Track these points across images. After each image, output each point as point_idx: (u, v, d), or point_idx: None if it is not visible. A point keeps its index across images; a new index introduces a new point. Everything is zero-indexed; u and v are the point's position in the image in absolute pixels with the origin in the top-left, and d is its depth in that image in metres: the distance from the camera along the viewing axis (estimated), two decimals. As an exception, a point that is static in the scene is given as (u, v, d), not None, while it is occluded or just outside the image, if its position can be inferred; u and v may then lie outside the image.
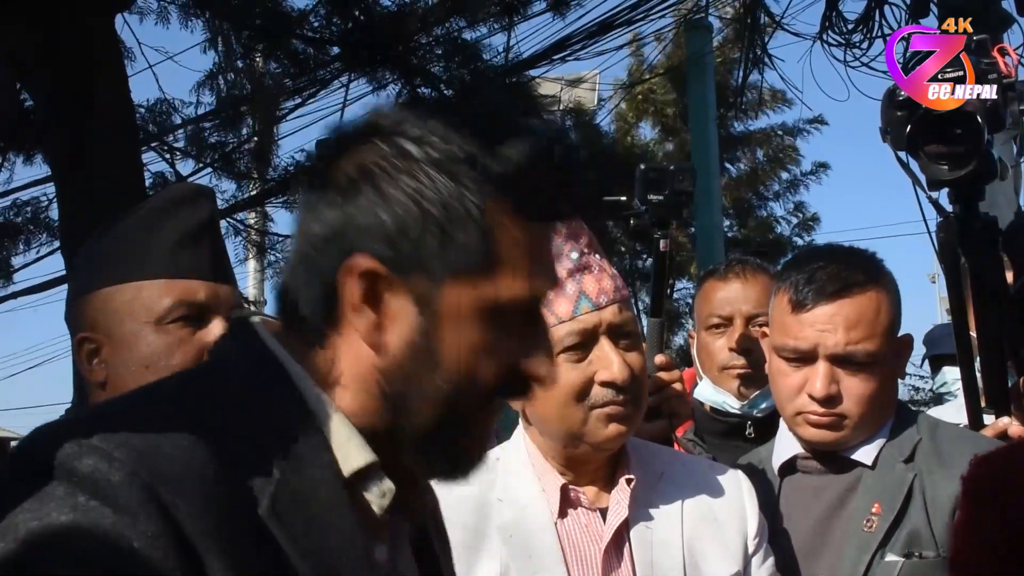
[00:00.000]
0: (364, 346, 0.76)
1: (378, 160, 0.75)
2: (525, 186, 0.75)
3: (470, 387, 0.76)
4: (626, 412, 1.30)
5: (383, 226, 0.74)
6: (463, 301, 0.75)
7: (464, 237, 0.74)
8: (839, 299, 1.46)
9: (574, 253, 1.31)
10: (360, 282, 0.74)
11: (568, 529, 1.32)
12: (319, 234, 0.76)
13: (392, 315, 0.75)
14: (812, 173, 11.72)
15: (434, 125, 0.75)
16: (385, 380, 0.76)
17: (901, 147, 1.59)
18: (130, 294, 1.25)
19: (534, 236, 0.77)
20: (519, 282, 0.76)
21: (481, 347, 0.76)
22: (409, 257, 0.74)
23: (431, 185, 0.74)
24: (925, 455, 1.46)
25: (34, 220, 6.17)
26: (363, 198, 0.75)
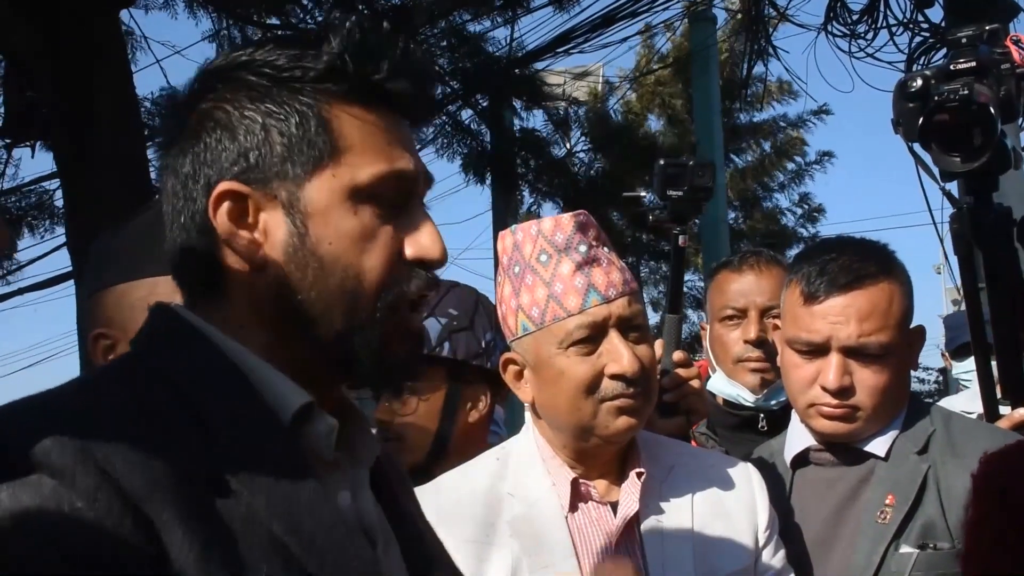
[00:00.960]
0: (253, 274, 0.78)
1: (213, 98, 0.79)
2: (349, 72, 0.78)
3: (359, 279, 0.77)
4: (636, 405, 1.29)
5: (230, 151, 0.78)
6: (325, 193, 0.77)
7: (305, 133, 0.77)
8: (851, 291, 1.45)
9: (583, 246, 1.31)
10: (226, 205, 0.77)
11: (579, 523, 1.32)
12: (179, 185, 0.80)
13: (264, 228, 0.77)
14: (817, 163, 11.70)
15: (257, 50, 0.80)
16: (281, 296, 0.77)
17: (913, 138, 1.58)
18: (146, 290, 1.24)
19: (380, 122, 0.80)
20: (377, 164, 0.78)
21: (357, 234, 0.77)
22: (262, 169, 0.77)
23: (263, 100, 0.78)
24: (939, 446, 1.45)
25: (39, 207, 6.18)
26: (207, 135, 0.79)
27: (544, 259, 1.31)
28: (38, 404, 0.72)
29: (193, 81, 0.82)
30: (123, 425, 0.69)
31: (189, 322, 0.80)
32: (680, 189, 1.70)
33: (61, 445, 0.65)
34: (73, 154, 4.07)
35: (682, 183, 1.70)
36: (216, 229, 0.78)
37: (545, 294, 1.30)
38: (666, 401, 1.60)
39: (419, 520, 0.93)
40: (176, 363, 0.76)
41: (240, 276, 0.78)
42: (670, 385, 1.61)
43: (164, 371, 0.76)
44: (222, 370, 0.76)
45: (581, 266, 1.30)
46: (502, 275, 1.37)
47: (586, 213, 1.36)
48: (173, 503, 0.66)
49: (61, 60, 3.93)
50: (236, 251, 0.78)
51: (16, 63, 4.43)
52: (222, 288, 0.79)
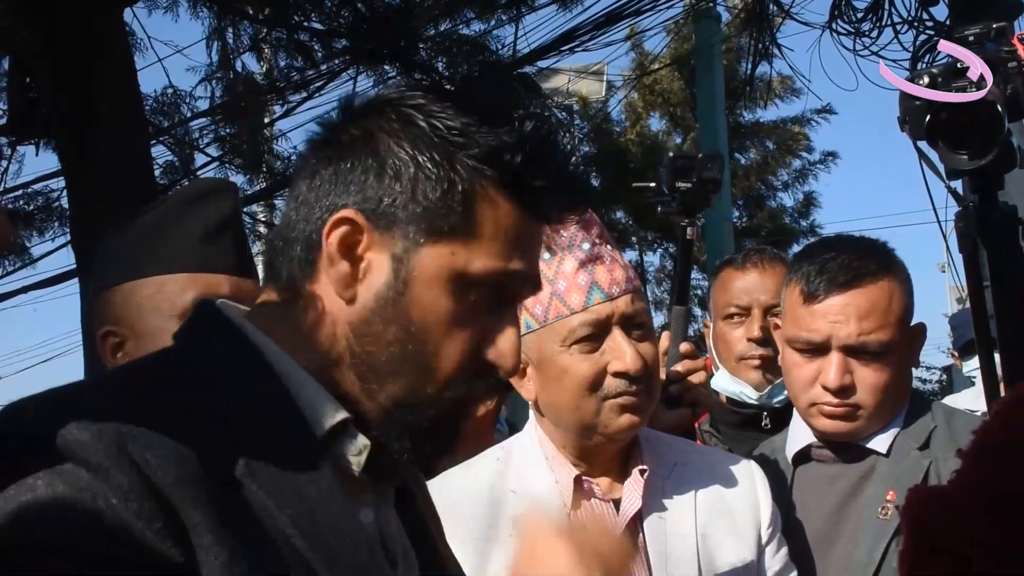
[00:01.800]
0: (336, 300, 0.77)
1: (380, 123, 0.79)
2: (514, 164, 0.77)
3: (434, 360, 0.77)
4: (639, 402, 1.29)
5: (371, 182, 0.77)
6: (438, 264, 0.76)
7: (446, 200, 0.76)
8: (851, 289, 1.44)
9: (586, 244, 1.31)
10: (341, 231, 0.77)
11: (582, 520, 1.31)
12: (312, 189, 0.80)
13: (366, 268, 0.77)
14: (821, 162, 11.69)
15: (436, 99, 0.79)
16: (354, 336, 0.77)
17: (920, 136, 1.57)
18: (154, 288, 1.25)
19: (517, 220, 0.79)
20: (495, 259, 0.77)
21: (449, 316, 0.77)
22: (390, 214, 0.77)
23: (424, 150, 0.77)
24: (940, 442, 1.45)
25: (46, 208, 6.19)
26: (357, 156, 0.78)
27: (547, 257, 1.31)
28: (72, 394, 0.73)
29: (368, 98, 0.82)
30: (156, 421, 0.68)
31: (229, 319, 0.79)
32: (689, 181, 1.71)
33: (97, 439, 0.65)
34: (76, 153, 4.07)
35: (691, 175, 1.71)
36: (323, 249, 0.77)
37: (548, 292, 1.30)
38: (671, 393, 1.61)
39: (439, 540, 0.93)
40: (211, 360, 0.76)
41: (326, 296, 0.78)
42: (676, 376, 1.61)
43: (199, 367, 0.75)
44: (258, 372, 0.76)
45: (584, 263, 1.30)
46: (505, 273, 1.37)
47: (589, 210, 1.36)
48: (205, 505, 0.66)
49: (63, 59, 3.93)
50: (330, 275, 0.77)
51: (18, 61, 4.44)
52: (300, 299, 0.79)
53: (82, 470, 0.64)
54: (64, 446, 0.65)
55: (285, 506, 0.70)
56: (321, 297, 0.78)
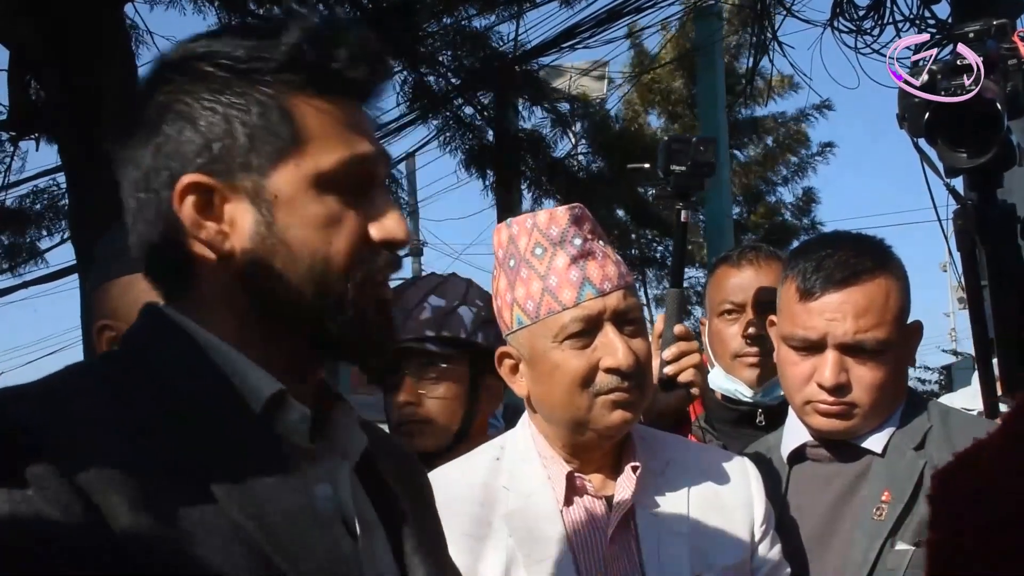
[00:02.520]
0: (221, 264, 0.79)
1: (172, 89, 0.80)
2: (308, 62, 0.79)
3: (327, 263, 0.79)
4: (631, 398, 1.29)
5: (193, 142, 0.78)
6: (290, 182, 0.78)
7: (267, 124, 0.78)
8: (847, 287, 1.43)
9: (577, 239, 1.30)
10: (192, 198, 0.78)
11: (574, 517, 1.31)
12: (140, 176, 0.81)
13: (231, 219, 0.79)
14: (819, 154, 11.69)
15: (214, 41, 0.80)
16: (251, 283, 0.79)
17: (919, 134, 1.56)
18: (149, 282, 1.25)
19: (340, 109, 0.81)
20: (338, 150, 0.80)
21: (323, 220, 0.79)
22: (226, 161, 0.78)
23: (224, 91, 0.79)
24: (936, 442, 1.44)
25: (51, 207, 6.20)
26: (168, 126, 0.79)
27: (539, 252, 1.31)
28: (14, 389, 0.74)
29: (150, 72, 0.83)
30: (88, 412, 0.71)
31: (169, 317, 0.81)
32: (683, 164, 1.72)
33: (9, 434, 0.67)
34: (78, 149, 4.07)
35: (685, 159, 1.72)
36: (182, 221, 0.79)
37: (540, 287, 1.29)
38: (667, 374, 1.60)
39: (418, 511, 0.93)
40: (154, 355, 0.79)
41: (209, 267, 0.80)
42: (671, 358, 1.61)
43: (143, 363, 0.78)
44: (195, 360, 0.78)
45: (576, 259, 1.29)
46: (497, 269, 1.37)
47: (581, 206, 1.35)
48: (125, 492, 0.67)
49: (66, 55, 3.93)
50: (203, 242, 0.79)
51: (20, 57, 4.44)
52: (192, 280, 0.81)
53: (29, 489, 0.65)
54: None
55: (223, 480, 0.72)
56: (206, 265, 0.79)
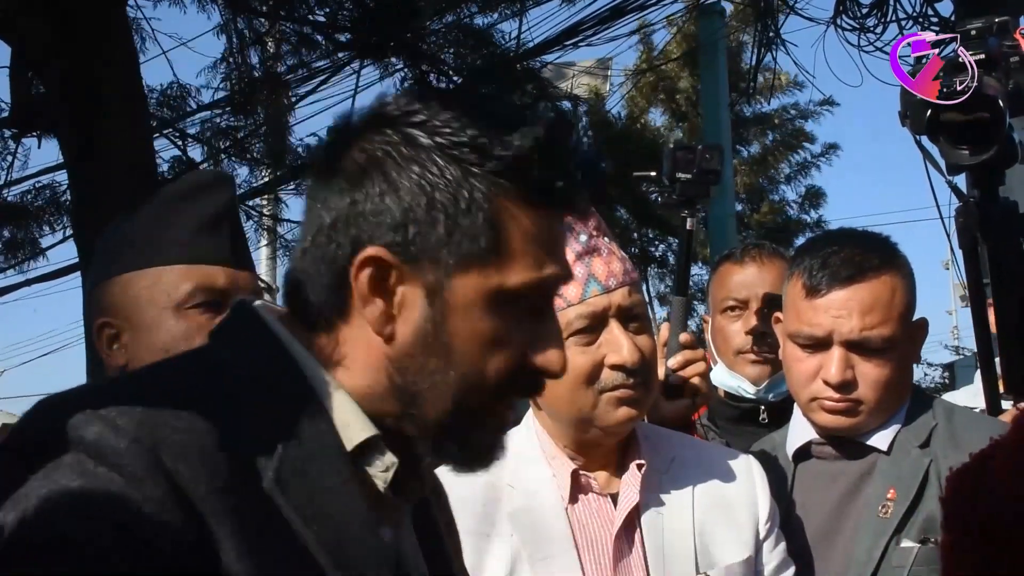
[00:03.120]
0: (374, 336, 0.76)
1: (385, 147, 0.76)
2: (532, 173, 0.75)
3: (480, 378, 0.76)
4: (636, 395, 1.29)
5: (391, 214, 0.75)
6: (472, 290, 0.75)
7: (471, 224, 0.74)
8: (853, 284, 1.44)
9: (583, 236, 1.30)
10: (370, 271, 0.75)
11: (579, 515, 1.31)
12: (328, 222, 0.77)
13: (402, 304, 0.75)
14: (823, 155, 11.68)
15: (440, 112, 0.76)
16: (395, 370, 0.76)
17: (921, 131, 1.56)
18: (150, 280, 1.25)
19: (543, 225, 0.77)
20: (528, 271, 0.76)
21: (491, 337, 0.76)
22: (417, 246, 0.75)
23: (437, 172, 0.74)
24: (941, 440, 1.44)
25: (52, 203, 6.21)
26: (371, 186, 0.75)
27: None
28: (106, 395, 0.72)
29: (366, 116, 0.79)
30: (189, 429, 0.68)
31: (267, 324, 0.78)
32: (689, 172, 1.71)
33: (133, 447, 0.65)
34: (80, 145, 4.08)
35: (691, 166, 1.71)
36: (353, 289, 0.76)
37: (545, 284, 1.29)
38: (671, 383, 1.60)
39: (453, 549, 0.93)
40: (246, 366, 0.75)
41: (363, 336, 0.76)
42: (676, 366, 1.61)
43: (233, 374, 0.75)
44: (292, 383, 0.75)
45: (581, 256, 1.29)
46: (502, 265, 1.37)
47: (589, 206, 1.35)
48: (233, 518, 0.66)
49: (68, 51, 3.94)
50: (365, 315, 0.76)
51: (23, 53, 4.44)
52: (333, 330, 0.77)
53: (115, 474, 0.64)
54: (97, 450, 0.65)
55: (312, 522, 0.70)
56: (358, 331, 0.76)
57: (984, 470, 0.83)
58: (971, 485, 0.84)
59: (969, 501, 0.82)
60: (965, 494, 0.84)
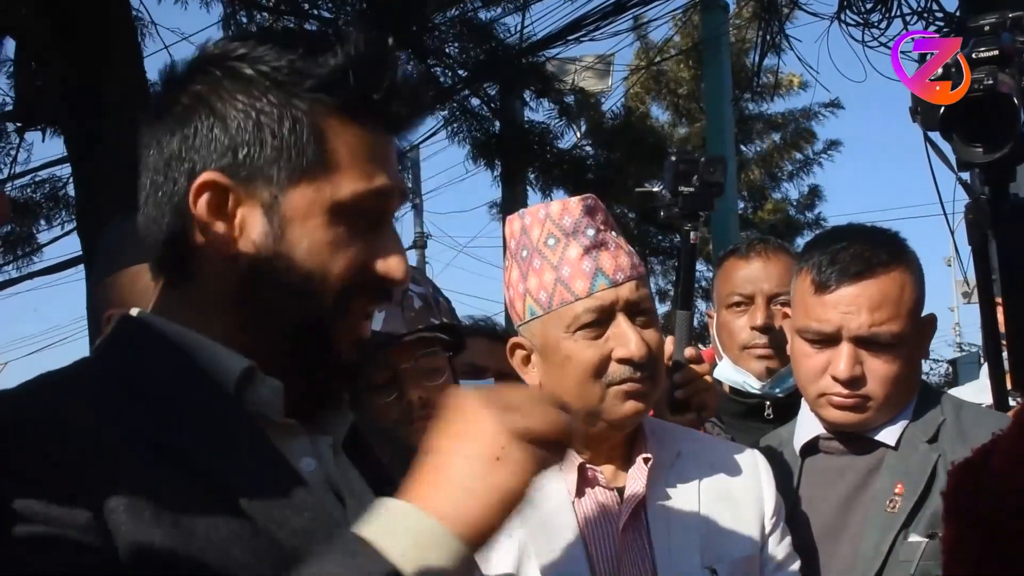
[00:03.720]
0: (222, 263, 0.80)
1: (209, 83, 0.80)
2: (349, 87, 0.79)
3: (323, 283, 0.80)
4: (643, 389, 1.29)
5: (219, 141, 0.79)
6: (305, 202, 0.79)
7: (297, 141, 0.78)
8: (863, 280, 1.43)
9: (590, 230, 1.30)
10: (207, 196, 0.78)
11: (585, 508, 1.31)
12: (161, 163, 0.81)
13: (241, 224, 0.79)
14: (824, 151, 11.66)
15: (258, 45, 0.80)
16: (246, 289, 0.80)
17: (932, 127, 1.56)
18: None
19: (368, 139, 0.81)
20: (358, 181, 0.80)
21: (329, 245, 0.80)
22: (248, 167, 0.79)
23: (260, 96, 0.79)
24: (949, 435, 1.44)
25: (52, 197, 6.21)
26: (199, 120, 0.80)
27: (552, 243, 1.31)
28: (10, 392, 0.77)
29: (190, 60, 0.83)
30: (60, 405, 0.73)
31: (137, 319, 0.84)
32: (691, 185, 1.69)
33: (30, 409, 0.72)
34: (84, 139, 4.07)
35: (693, 178, 1.69)
36: (194, 216, 0.79)
37: (553, 278, 1.29)
38: (677, 397, 1.59)
39: None
40: (123, 351, 0.81)
41: (209, 262, 0.81)
42: (681, 381, 1.60)
43: (113, 359, 0.80)
44: (162, 351, 0.79)
45: (589, 250, 1.29)
46: (509, 259, 1.37)
47: (594, 197, 1.35)
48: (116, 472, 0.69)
49: (71, 45, 3.93)
50: (209, 240, 0.80)
51: (26, 48, 4.44)
52: (191, 269, 0.82)
53: None
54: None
55: (201, 456, 0.73)
56: (207, 260, 0.80)
57: (985, 464, 0.83)
58: (973, 479, 0.83)
59: (971, 495, 0.82)
60: (967, 488, 0.84)
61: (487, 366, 2.17)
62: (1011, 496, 0.77)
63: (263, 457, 0.77)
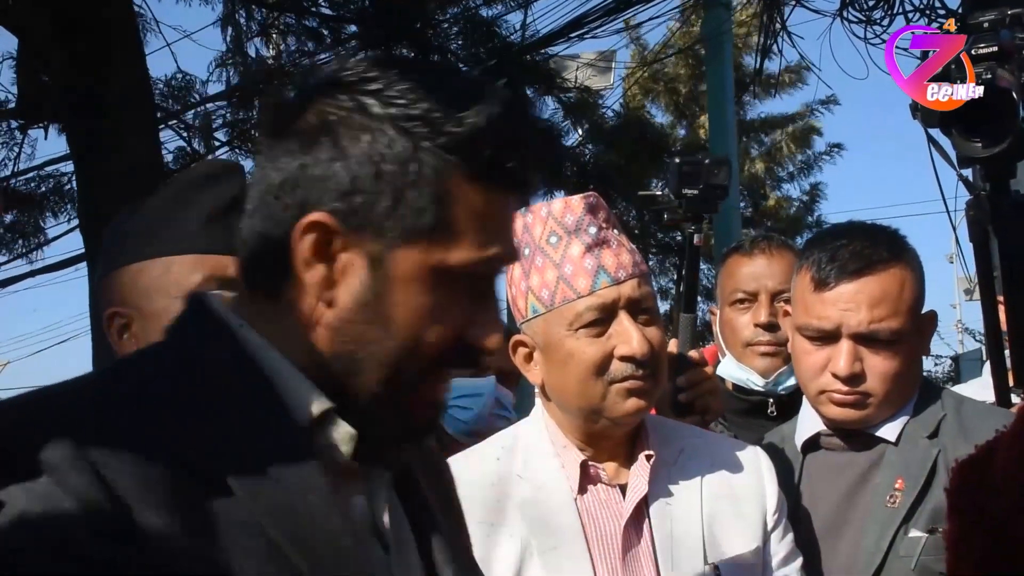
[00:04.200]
0: (314, 302, 0.76)
1: (338, 113, 0.75)
2: (484, 151, 0.74)
3: (416, 350, 0.76)
4: (645, 386, 1.29)
5: (339, 181, 0.74)
6: (414, 264, 0.75)
7: (418, 199, 0.74)
8: (862, 277, 1.44)
9: (592, 228, 1.31)
10: (314, 236, 0.75)
11: (588, 505, 1.32)
12: (275, 182, 0.76)
13: (342, 271, 0.75)
14: (826, 153, 11.66)
15: (397, 82, 0.75)
16: (335, 337, 0.76)
17: (933, 124, 1.56)
18: (160, 269, 1.25)
19: (491, 204, 0.77)
20: (472, 250, 0.76)
21: (429, 312, 0.76)
22: (362, 214, 0.74)
23: (388, 143, 0.74)
24: (949, 431, 1.44)
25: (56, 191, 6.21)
26: (321, 150, 0.75)
27: (554, 241, 1.31)
28: (49, 401, 0.72)
29: (319, 81, 0.78)
30: (128, 419, 0.69)
31: (217, 314, 0.78)
32: (695, 187, 1.68)
33: (59, 445, 0.65)
34: (87, 136, 4.08)
35: (697, 181, 1.68)
36: (295, 252, 0.75)
37: (555, 276, 1.30)
38: (681, 401, 1.60)
39: (451, 523, 0.93)
40: (196, 356, 0.76)
41: (304, 296, 0.76)
42: (685, 384, 1.60)
43: (183, 364, 0.75)
44: (242, 365, 0.75)
45: (591, 248, 1.30)
46: (512, 257, 1.37)
47: (596, 195, 1.35)
48: (169, 509, 0.66)
49: (74, 42, 3.94)
50: (306, 279, 0.76)
51: (29, 45, 4.44)
52: (284, 295, 0.77)
53: (43, 478, 0.64)
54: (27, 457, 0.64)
55: (261, 497, 0.70)
56: (299, 298, 0.77)
57: (989, 461, 0.83)
58: (977, 476, 0.84)
59: (975, 492, 0.83)
60: (971, 485, 0.84)
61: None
62: (1014, 493, 0.78)
63: (321, 509, 0.72)
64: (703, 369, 1.65)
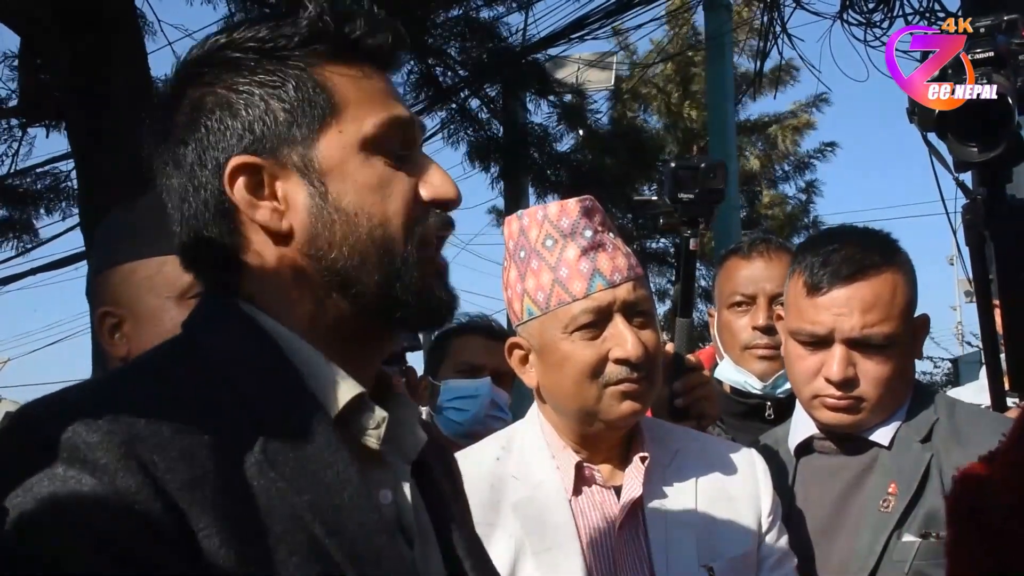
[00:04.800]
0: (281, 245, 0.78)
1: (203, 83, 0.80)
2: (332, 34, 0.81)
3: (386, 226, 0.79)
4: (640, 389, 1.30)
5: (234, 128, 0.79)
6: (337, 148, 0.79)
7: (305, 96, 0.79)
8: (854, 282, 1.44)
9: (588, 231, 1.31)
10: (243, 179, 0.78)
11: (582, 506, 1.32)
12: (184, 176, 0.80)
13: (284, 197, 0.78)
14: (819, 151, 11.69)
15: (234, 31, 0.81)
16: (311, 259, 0.78)
17: (929, 128, 1.56)
18: (153, 269, 1.25)
19: (368, 78, 0.82)
20: (376, 112, 0.80)
21: (376, 183, 0.79)
22: (270, 138, 0.79)
23: (256, 72, 0.79)
24: (942, 434, 1.45)
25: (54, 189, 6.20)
26: (207, 120, 0.79)
27: (550, 244, 1.31)
28: (85, 394, 0.73)
29: (177, 71, 0.83)
30: (169, 416, 0.69)
31: (240, 307, 0.79)
32: (691, 192, 1.66)
33: (107, 441, 0.65)
34: (88, 135, 4.08)
35: (693, 186, 1.66)
36: (236, 206, 0.78)
37: (550, 279, 1.30)
38: (677, 405, 1.59)
39: (461, 513, 0.94)
40: (227, 349, 0.77)
41: (268, 252, 0.79)
42: (681, 389, 1.60)
43: (215, 357, 0.76)
44: (273, 359, 0.77)
45: (586, 251, 1.30)
46: (508, 260, 1.37)
47: (592, 198, 1.36)
48: (214, 505, 0.67)
49: (76, 41, 3.94)
50: (260, 224, 0.78)
51: (31, 43, 4.45)
52: (250, 271, 0.79)
53: (85, 475, 0.64)
54: (72, 449, 0.65)
55: (304, 492, 0.71)
56: (265, 252, 0.79)
57: (989, 469, 0.84)
58: (976, 484, 0.84)
59: (974, 499, 0.83)
60: (970, 492, 0.84)
61: (483, 364, 2.19)
62: (1013, 499, 0.78)
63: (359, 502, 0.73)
64: (700, 373, 1.64)
